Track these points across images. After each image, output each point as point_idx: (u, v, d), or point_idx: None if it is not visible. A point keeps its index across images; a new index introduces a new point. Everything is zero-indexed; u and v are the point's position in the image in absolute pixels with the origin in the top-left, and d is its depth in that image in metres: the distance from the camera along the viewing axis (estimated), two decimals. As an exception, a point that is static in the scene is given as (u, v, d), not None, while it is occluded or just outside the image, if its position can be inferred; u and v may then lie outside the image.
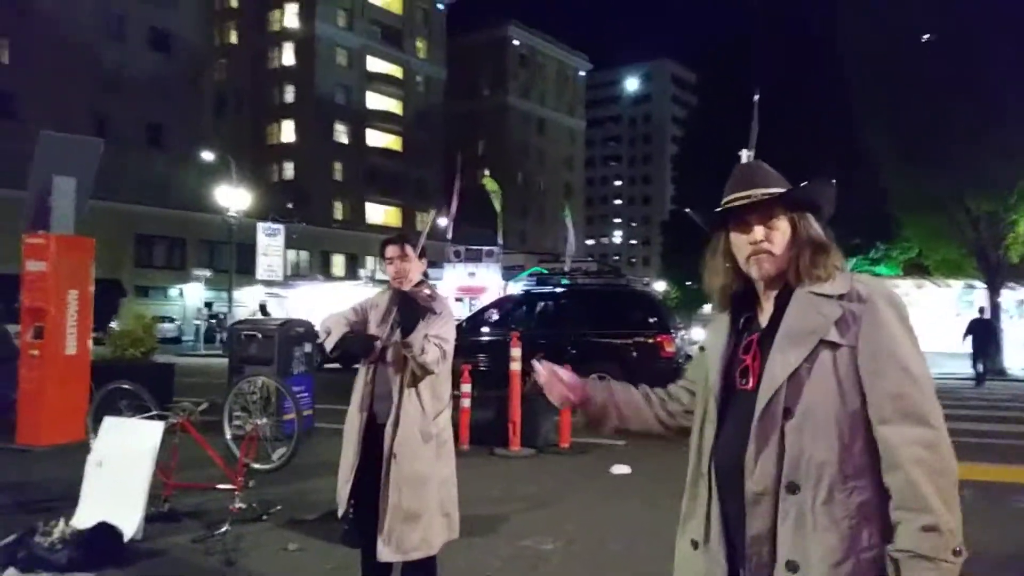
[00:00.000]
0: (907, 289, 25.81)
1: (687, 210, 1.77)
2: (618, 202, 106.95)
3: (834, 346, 1.47)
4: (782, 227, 1.59)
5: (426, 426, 3.18)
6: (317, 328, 3.51)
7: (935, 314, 24.53)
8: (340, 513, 3.27)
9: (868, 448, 1.44)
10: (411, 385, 3.17)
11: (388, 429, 3.13)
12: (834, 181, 1.62)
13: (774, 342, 1.53)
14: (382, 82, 65.37)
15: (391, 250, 3.33)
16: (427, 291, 3.29)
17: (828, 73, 23.99)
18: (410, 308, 3.23)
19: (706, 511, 1.58)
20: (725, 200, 1.64)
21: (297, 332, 8.33)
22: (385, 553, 3.10)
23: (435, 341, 3.12)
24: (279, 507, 5.28)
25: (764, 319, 1.62)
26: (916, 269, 26.95)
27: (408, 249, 3.32)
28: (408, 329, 3.19)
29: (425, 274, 3.50)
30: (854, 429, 1.45)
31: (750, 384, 1.54)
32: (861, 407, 1.45)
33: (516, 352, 7.72)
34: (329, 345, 3.30)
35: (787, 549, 1.44)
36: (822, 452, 1.43)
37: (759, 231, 1.58)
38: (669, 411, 1.83)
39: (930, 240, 22.64)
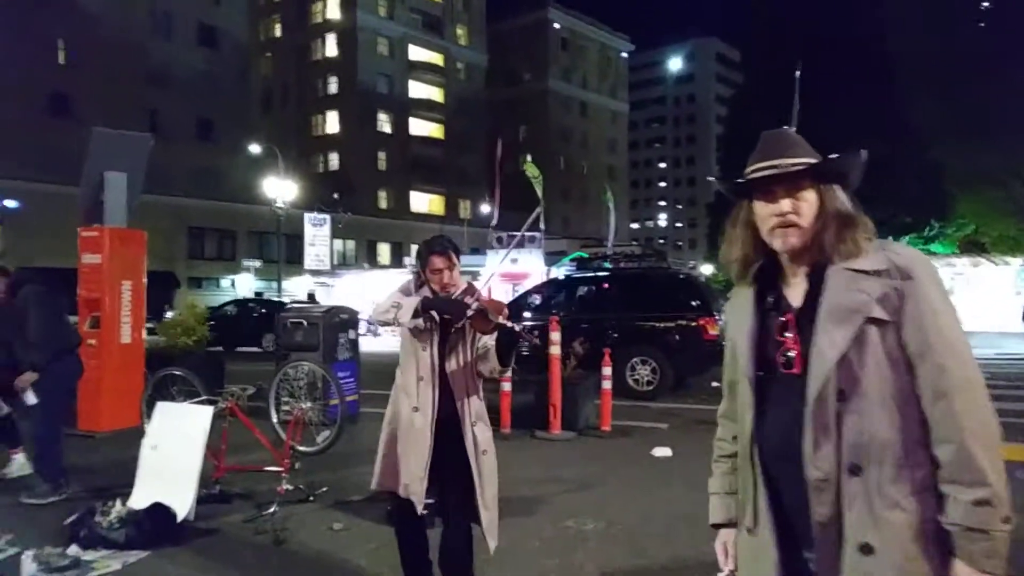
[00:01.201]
0: (963, 268, 25.03)
1: (710, 178, 1.74)
2: (663, 184, 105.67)
3: (879, 323, 1.45)
4: (809, 198, 1.54)
5: (487, 417, 3.28)
6: (369, 316, 3.41)
7: (993, 293, 23.76)
8: (420, 511, 3.16)
9: (920, 422, 1.44)
10: (478, 385, 3.22)
11: (476, 427, 3.17)
12: (864, 152, 1.56)
13: (817, 323, 1.48)
14: (423, 70, 65.58)
15: (439, 261, 3.17)
16: (478, 297, 3.14)
17: (876, 48, 23.29)
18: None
19: (753, 497, 1.57)
20: (750, 168, 1.59)
21: (342, 319, 8.48)
22: (492, 542, 3.21)
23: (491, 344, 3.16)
24: (325, 488, 5.42)
25: (796, 297, 1.56)
26: (972, 246, 26.12)
27: (454, 257, 3.22)
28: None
29: None
30: (906, 405, 1.45)
31: (796, 368, 1.50)
32: (910, 382, 1.45)
33: (555, 336, 7.74)
34: (406, 317, 3.07)
35: (858, 532, 1.43)
36: (882, 431, 1.43)
37: (786, 202, 1.53)
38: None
39: (986, 216, 21.97)
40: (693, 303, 10.75)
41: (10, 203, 31.41)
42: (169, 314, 12.96)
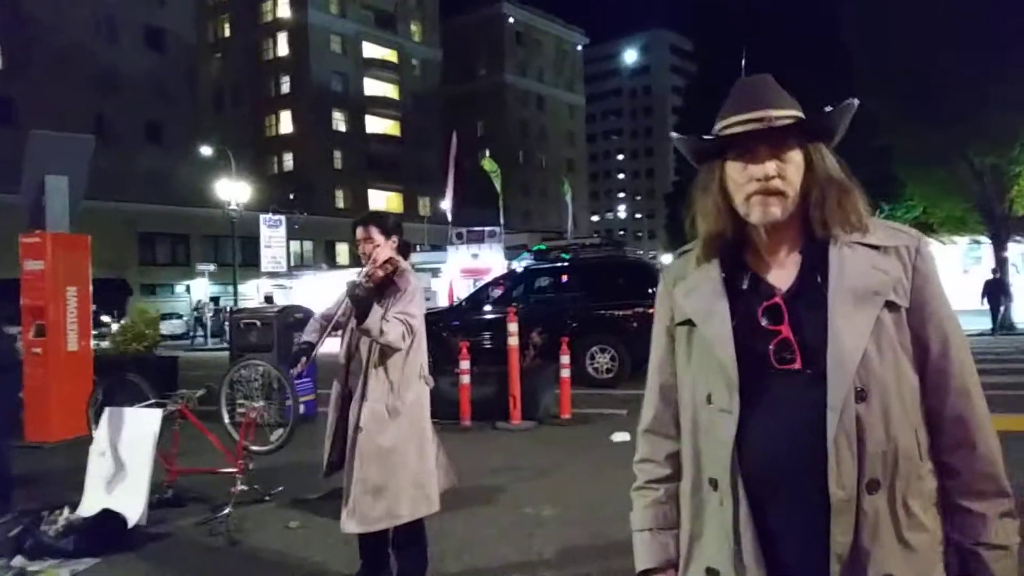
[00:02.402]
0: (913, 248, 25.66)
1: (673, 134, 1.43)
2: (621, 176, 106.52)
3: (894, 308, 1.22)
4: (796, 160, 1.25)
5: (393, 402, 3.23)
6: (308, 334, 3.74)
7: (941, 272, 24.43)
8: (322, 473, 3.53)
9: (924, 424, 1.24)
10: (378, 363, 3.23)
11: (355, 404, 3.23)
12: (856, 102, 1.29)
13: (830, 307, 1.20)
14: (378, 67, 65.03)
15: (358, 233, 3.41)
16: (382, 272, 3.29)
17: (823, 31, 23.78)
18: (378, 289, 3.28)
19: (732, 529, 1.23)
20: (726, 123, 1.29)
21: (295, 318, 8.38)
22: (349, 524, 3.21)
23: (399, 317, 3.17)
24: (281, 488, 5.36)
25: (781, 279, 1.28)
26: (921, 228, 26.78)
27: (372, 231, 3.37)
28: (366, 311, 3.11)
29: (406, 249, 3.52)
30: (916, 404, 1.23)
31: (797, 362, 1.21)
32: (918, 377, 1.24)
33: (513, 327, 7.76)
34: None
35: (883, 562, 1.17)
36: (902, 438, 1.19)
37: (770, 165, 1.24)
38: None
39: (934, 197, 22.49)
40: (650, 290, 10.85)
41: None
42: (113, 325, 12.66)
